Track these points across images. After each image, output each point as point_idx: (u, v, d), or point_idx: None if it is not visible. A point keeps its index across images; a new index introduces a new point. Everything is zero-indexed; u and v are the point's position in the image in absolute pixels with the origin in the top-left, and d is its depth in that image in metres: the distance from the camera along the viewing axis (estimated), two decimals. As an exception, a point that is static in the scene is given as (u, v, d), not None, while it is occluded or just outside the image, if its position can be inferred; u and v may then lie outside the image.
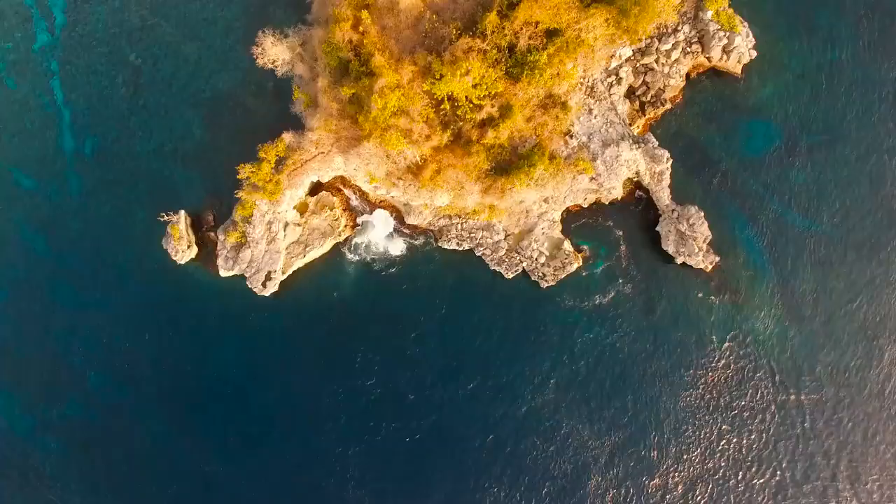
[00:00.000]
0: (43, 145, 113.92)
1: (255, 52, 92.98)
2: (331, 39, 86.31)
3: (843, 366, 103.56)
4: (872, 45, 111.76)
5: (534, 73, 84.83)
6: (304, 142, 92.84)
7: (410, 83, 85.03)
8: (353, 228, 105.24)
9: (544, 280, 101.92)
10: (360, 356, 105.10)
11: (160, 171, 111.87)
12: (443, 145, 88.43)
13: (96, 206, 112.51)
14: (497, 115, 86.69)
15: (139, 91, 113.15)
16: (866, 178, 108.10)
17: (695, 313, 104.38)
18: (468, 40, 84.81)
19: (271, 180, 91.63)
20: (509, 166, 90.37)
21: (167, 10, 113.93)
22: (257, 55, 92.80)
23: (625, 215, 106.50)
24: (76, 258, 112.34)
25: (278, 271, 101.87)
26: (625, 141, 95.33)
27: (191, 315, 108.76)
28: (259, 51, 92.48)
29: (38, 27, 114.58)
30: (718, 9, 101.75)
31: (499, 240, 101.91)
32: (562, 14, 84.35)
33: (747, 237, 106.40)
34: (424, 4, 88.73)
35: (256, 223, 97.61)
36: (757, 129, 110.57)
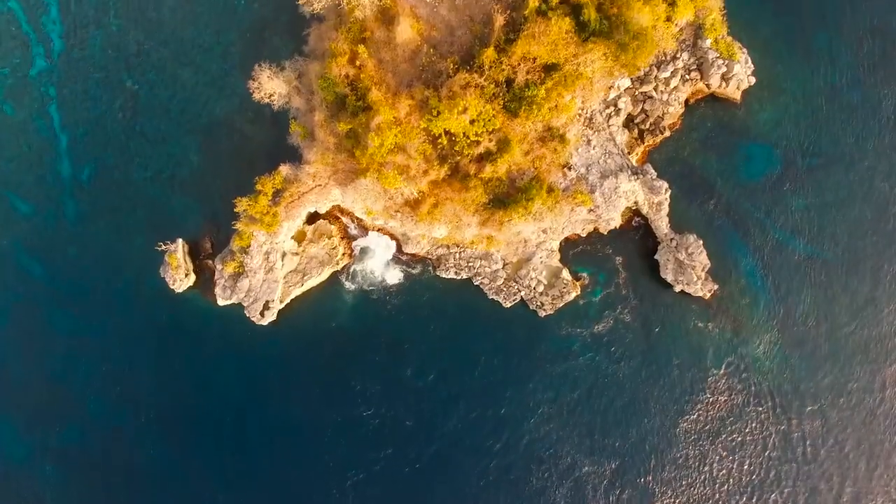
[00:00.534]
0: (40, 170, 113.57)
1: (252, 87, 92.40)
2: (327, 74, 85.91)
3: (844, 391, 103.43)
4: (872, 68, 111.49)
5: (532, 108, 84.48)
6: (302, 174, 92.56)
7: (408, 117, 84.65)
8: (351, 257, 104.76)
9: (542, 309, 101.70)
10: (359, 384, 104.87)
11: (157, 197, 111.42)
12: (440, 179, 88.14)
13: (93, 232, 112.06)
14: (495, 149, 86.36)
15: (136, 117, 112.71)
16: (865, 203, 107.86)
17: (694, 341, 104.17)
18: (465, 75, 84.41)
19: (268, 212, 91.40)
20: (507, 199, 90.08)
21: (164, 36, 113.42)
22: (253, 89, 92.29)
23: (623, 242, 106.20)
24: (73, 284, 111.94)
25: (276, 300, 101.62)
26: (623, 172, 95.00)
27: (189, 342, 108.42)
28: (255, 85, 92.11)
29: (35, 52, 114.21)
30: (717, 37, 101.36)
31: (497, 269, 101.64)
32: (560, 49, 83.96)
33: (746, 264, 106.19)
34: (422, 38, 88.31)
35: (254, 253, 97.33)
36: (756, 153, 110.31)
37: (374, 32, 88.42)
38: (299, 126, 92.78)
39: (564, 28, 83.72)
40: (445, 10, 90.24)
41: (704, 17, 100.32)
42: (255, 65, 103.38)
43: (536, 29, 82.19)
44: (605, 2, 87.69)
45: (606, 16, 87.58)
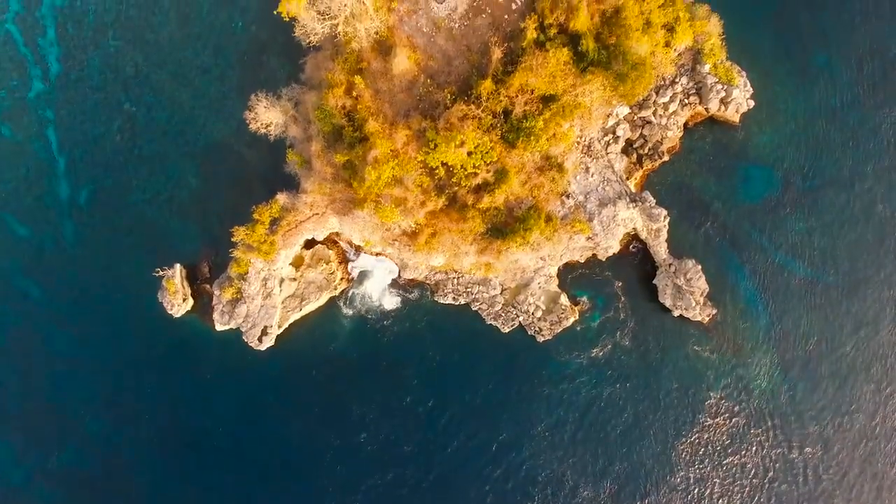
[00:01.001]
0: (38, 193, 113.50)
1: (248, 117, 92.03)
2: (324, 106, 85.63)
3: (844, 415, 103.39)
4: (872, 90, 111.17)
5: (530, 140, 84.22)
6: (299, 203, 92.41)
7: (405, 147, 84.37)
8: (349, 281, 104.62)
9: (541, 334, 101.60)
10: (357, 409, 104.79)
11: (155, 220, 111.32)
12: (438, 210, 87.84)
13: (91, 255, 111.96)
14: (493, 180, 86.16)
15: (134, 139, 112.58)
16: (864, 226, 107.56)
17: (692, 365, 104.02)
18: (463, 106, 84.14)
19: (266, 241, 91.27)
20: (505, 228, 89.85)
21: (162, 58, 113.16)
22: (250, 120, 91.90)
23: (622, 266, 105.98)
24: (71, 306, 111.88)
25: (274, 326, 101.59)
26: (622, 199, 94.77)
27: (187, 366, 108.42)
28: (252, 115, 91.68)
29: (33, 74, 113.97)
30: (716, 62, 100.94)
31: (495, 294, 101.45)
32: (558, 81, 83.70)
33: (745, 287, 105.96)
34: (419, 68, 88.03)
35: (252, 280, 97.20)
36: (755, 175, 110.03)
37: (371, 63, 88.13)
38: (296, 155, 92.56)
39: (562, 59, 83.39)
40: (443, 39, 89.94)
41: (703, 42, 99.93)
42: (252, 92, 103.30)
43: (534, 61, 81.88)
44: (603, 31, 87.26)
45: (605, 45, 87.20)
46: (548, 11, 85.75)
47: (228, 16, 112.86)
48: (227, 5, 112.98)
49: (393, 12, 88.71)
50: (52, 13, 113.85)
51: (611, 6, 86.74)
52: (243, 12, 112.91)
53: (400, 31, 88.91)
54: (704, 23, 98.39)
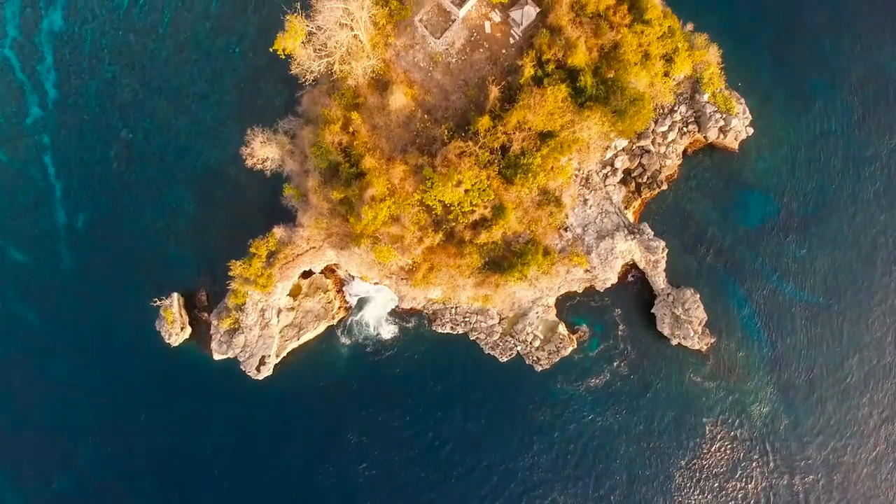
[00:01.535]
0: (35, 219, 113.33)
1: (245, 153, 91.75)
2: (320, 142, 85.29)
3: (842, 442, 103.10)
4: (868, 116, 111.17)
5: (527, 176, 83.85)
6: (296, 237, 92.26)
7: (402, 182, 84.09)
8: (347, 310, 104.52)
9: (539, 364, 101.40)
10: (355, 438, 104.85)
11: (152, 246, 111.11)
12: (435, 245, 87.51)
13: (89, 281, 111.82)
14: (490, 215, 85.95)
15: (131, 166, 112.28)
16: (861, 253, 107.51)
17: (691, 393, 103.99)
18: (460, 143, 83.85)
19: (263, 274, 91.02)
20: (503, 262, 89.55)
21: (158, 85, 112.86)
22: (246, 156, 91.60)
23: (620, 294, 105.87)
24: (69, 332, 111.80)
25: (272, 355, 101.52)
26: (620, 231, 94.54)
27: (184, 393, 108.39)
28: (248, 151, 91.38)
29: (30, 101, 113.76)
30: (715, 90, 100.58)
31: (493, 324, 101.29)
32: (556, 118, 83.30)
33: (744, 314, 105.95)
34: (416, 103, 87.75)
35: (249, 310, 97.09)
36: (754, 201, 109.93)
37: (368, 98, 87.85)
38: (293, 189, 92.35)
39: (560, 97, 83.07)
40: (440, 74, 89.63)
41: (702, 71, 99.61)
42: (249, 119, 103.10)
43: (532, 100, 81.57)
44: (601, 65, 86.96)
45: (603, 80, 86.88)
46: (545, 47, 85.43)
47: (226, 42, 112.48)
48: (225, 32, 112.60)
49: (389, 47, 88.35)
50: (50, 39, 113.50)
51: (609, 41, 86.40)
52: (241, 39, 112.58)
53: (397, 66, 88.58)
54: (703, 52, 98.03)
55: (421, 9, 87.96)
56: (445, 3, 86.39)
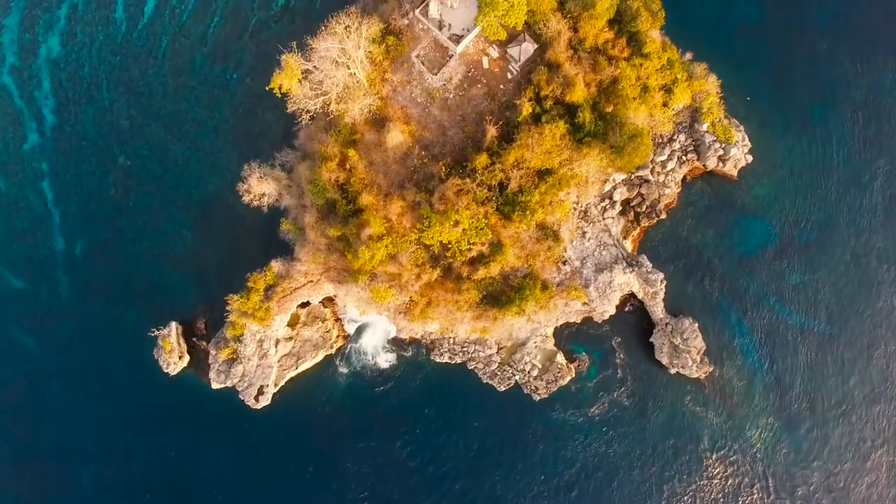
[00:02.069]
0: (33, 246, 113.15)
1: (241, 189, 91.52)
2: (317, 180, 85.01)
3: (837, 474, 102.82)
4: (867, 142, 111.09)
5: (525, 213, 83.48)
6: (293, 271, 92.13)
7: (399, 217, 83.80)
8: (345, 339, 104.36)
9: (537, 393, 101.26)
10: (353, 466, 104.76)
11: (151, 273, 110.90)
12: (433, 281, 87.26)
13: (87, 308, 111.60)
14: (488, 252, 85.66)
15: (129, 193, 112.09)
16: (860, 280, 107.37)
17: (689, 422, 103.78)
18: (457, 180, 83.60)
19: (261, 307, 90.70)
20: (501, 295, 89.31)
21: (156, 111, 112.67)
22: (243, 192, 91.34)
23: (619, 322, 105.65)
24: (67, 359, 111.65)
25: (271, 384, 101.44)
26: (618, 264, 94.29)
27: (183, 421, 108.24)
28: (245, 187, 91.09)
29: (28, 127, 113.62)
30: (714, 120, 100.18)
31: (491, 353, 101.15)
32: (554, 156, 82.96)
33: (743, 342, 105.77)
34: (413, 139, 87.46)
35: (247, 341, 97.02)
36: (752, 227, 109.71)
37: (365, 135, 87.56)
38: (290, 223, 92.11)
39: (558, 134, 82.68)
40: (437, 110, 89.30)
41: (702, 101, 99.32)
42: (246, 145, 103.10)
43: (530, 140, 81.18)
44: (600, 100, 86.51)
45: (601, 115, 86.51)
46: (544, 83, 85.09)
47: (223, 68, 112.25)
48: (222, 58, 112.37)
49: (386, 83, 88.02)
50: (48, 66, 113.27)
51: (608, 76, 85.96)
52: (238, 65, 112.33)
53: (394, 102, 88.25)
54: (703, 82, 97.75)
55: (418, 44, 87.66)
56: (442, 39, 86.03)
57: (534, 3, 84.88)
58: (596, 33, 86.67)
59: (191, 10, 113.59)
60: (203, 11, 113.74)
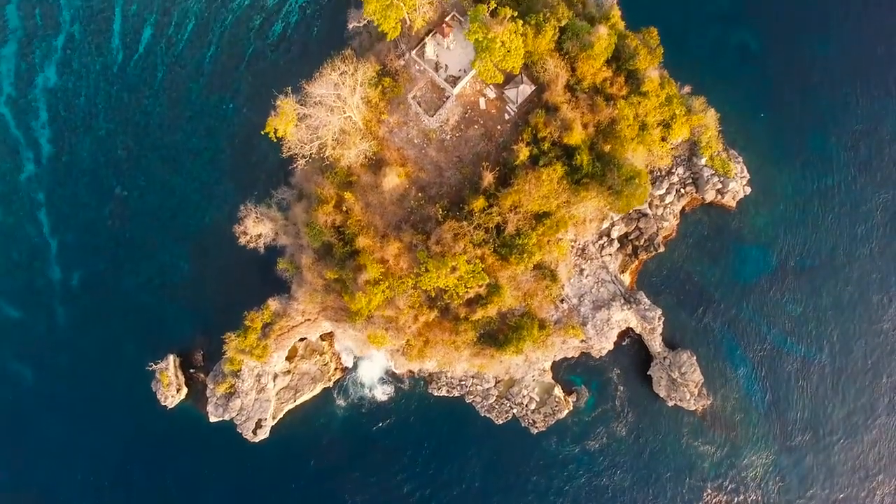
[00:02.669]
0: (30, 276, 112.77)
1: (238, 231, 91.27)
2: (313, 223, 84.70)
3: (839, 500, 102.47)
4: (865, 170, 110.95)
5: (522, 256, 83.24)
6: (291, 310, 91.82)
7: (396, 258, 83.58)
8: (343, 371, 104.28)
9: (535, 426, 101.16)
10: (351, 498, 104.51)
11: (148, 304, 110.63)
12: (430, 321, 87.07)
13: (85, 339, 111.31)
14: (485, 293, 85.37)
15: (126, 223, 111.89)
16: (859, 311, 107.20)
17: (687, 455, 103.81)
18: (454, 223, 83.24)
19: (258, 345, 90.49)
20: (498, 334, 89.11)
21: (152, 141, 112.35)
22: (239, 234, 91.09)
23: (616, 353, 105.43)
24: (65, 390, 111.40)
25: (269, 418, 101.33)
26: (616, 301, 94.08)
27: (181, 453, 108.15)
28: (241, 229, 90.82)
29: (24, 157, 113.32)
30: (712, 154, 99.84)
31: (489, 387, 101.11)
32: (551, 200, 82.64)
33: (741, 374, 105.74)
34: (409, 180, 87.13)
35: (245, 376, 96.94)
36: (751, 256, 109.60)
37: (361, 176, 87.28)
38: (287, 263, 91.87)
39: (556, 178, 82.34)
40: (434, 151, 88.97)
41: (700, 135, 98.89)
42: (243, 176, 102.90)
43: (527, 185, 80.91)
44: (598, 141, 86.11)
45: (599, 155, 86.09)
46: (541, 125, 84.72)
47: (219, 98, 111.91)
48: (218, 88, 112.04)
49: (383, 124, 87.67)
50: (45, 95, 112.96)
51: (606, 117, 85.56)
52: (234, 95, 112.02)
53: (390, 143, 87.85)
54: (701, 116, 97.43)
55: (414, 86, 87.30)
56: (439, 81, 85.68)
57: (531, 45, 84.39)
58: (594, 72, 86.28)
59: (187, 39, 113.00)
60: (199, 41, 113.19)
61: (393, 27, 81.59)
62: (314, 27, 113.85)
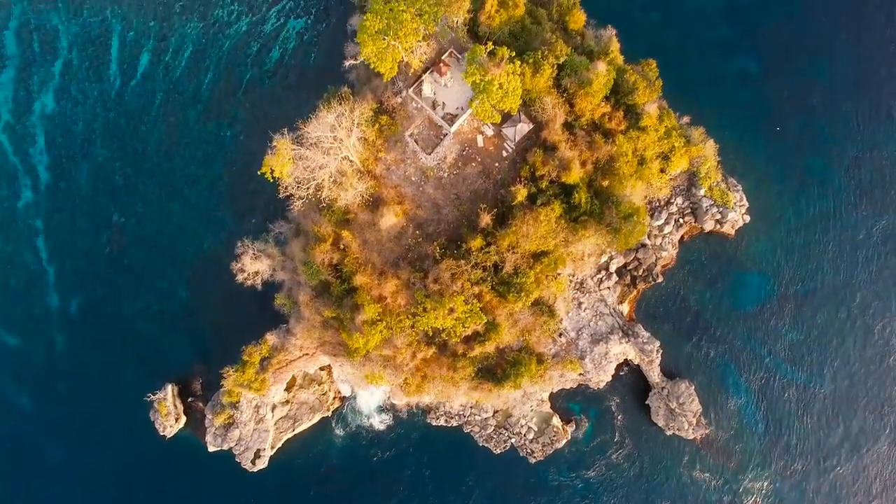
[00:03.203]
0: (28, 303, 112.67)
1: (235, 269, 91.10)
2: (310, 262, 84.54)
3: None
4: (864, 196, 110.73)
5: (520, 295, 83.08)
6: (289, 344, 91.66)
7: (394, 295, 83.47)
8: (342, 400, 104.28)
9: (533, 456, 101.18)
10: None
11: (146, 332, 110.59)
12: (428, 356, 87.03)
13: (83, 366, 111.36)
14: (483, 331, 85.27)
15: (124, 250, 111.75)
16: (858, 338, 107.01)
17: (686, 484, 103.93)
18: (452, 262, 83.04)
19: (256, 379, 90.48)
20: (496, 369, 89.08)
21: (150, 168, 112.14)
22: (237, 271, 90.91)
23: (615, 381, 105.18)
24: (63, 418, 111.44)
25: (267, 448, 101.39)
26: (614, 334, 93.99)
27: (179, 481, 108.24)
28: (239, 266, 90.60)
29: (22, 184, 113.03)
30: (711, 184, 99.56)
31: (487, 417, 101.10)
32: (549, 239, 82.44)
33: (740, 403, 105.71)
34: (407, 218, 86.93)
35: (244, 408, 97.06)
36: (749, 283, 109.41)
37: (358, 214, 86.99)
38: (285, 298, 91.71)
39: (553, 217, 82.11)
40: (431, 188, 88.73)
41: (699, 166, 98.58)
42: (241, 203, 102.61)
43: (525, 227, 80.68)
44: (596, 177, 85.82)
45: (597, 192, 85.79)
46: (539, 164, 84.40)
47: (217, 125, 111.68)
48: (215, 115, 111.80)
49: (380, 162, 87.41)
50: (42, 122, 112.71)
51: (605, 154, 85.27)
52: (232, 122, 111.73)
53: (387, 181, 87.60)
54: (700, 147, 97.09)
55: (411, 123, 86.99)
56: (436, 119, 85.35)
57: (529, 83, 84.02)
58: (592, 108, 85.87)
59: (184, 66, 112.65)
60: (197, 67, 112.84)
61: (389, 68, 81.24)
62: (312, 53, 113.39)
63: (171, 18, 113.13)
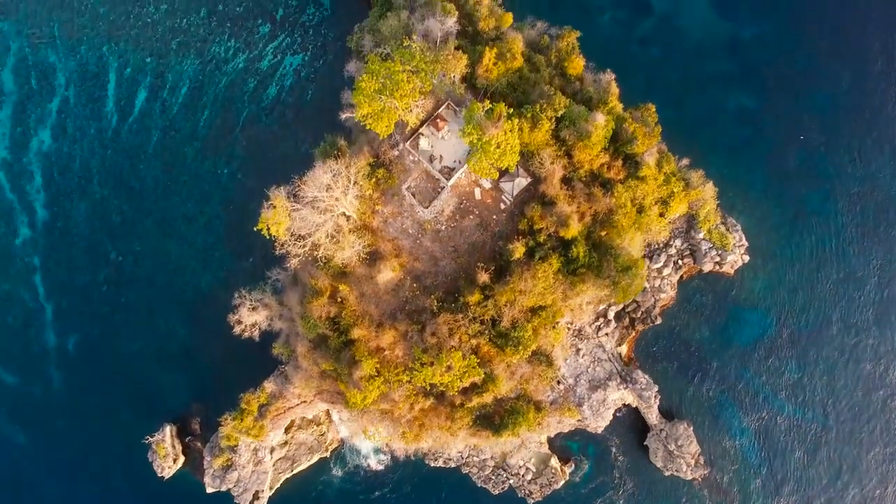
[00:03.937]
0: (25, 341, 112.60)
1: (232, 320, 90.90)
2: (308, 316, 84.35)
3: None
4: (863, 234, 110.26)
5: (518, 348, 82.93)
6: (287, 392, 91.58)
7: (392, 346, 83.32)
8: (340, 441, 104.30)
9: (531, 497, 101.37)
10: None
11: (144, 370, 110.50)
12: (426, 406, 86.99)
13: (80, 405, 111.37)
14: (481, 382, 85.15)
15: (121, 289, 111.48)
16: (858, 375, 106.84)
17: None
18: (449, 316, 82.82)
19: (255, 426, 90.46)
20: (493, 417, 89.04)
21: (147, 206, 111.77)
22: (234, 323, 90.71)
23: (613, 422, 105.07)
24: (60, 457, 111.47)
25: (266, 489, 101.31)
26: (613, 380, 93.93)
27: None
28: (236, 318, 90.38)
29: (19, 221, 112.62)
30: (710, 227, 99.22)
31: (485, 458, 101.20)
32: (547, 295, 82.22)
33: (739, 443, 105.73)
34: (404, 271, 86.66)
35: (242, 451, 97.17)
36: (748, 320, 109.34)
37: (356, 268, 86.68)
38: (282, 347, 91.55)
39: (551, 273, 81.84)
40: (429, 241, 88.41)
41: (698, 209, 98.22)
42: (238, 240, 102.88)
43: (523, 284, 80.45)
44: (595, 229, 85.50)
45: (596, 244, 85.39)
46: (538, 218, 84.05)
47: (213, 164, 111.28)
48: (212, 153, 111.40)
49: (377, 214, 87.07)
50: (39, 159, 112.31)
51: (604, 207, 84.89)
52: (229, 160, 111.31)
53: (384, 234, 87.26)
54: (699, 191, 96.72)
55: (409, 176, 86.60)
56: (434, 172, 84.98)
57: (527, 138, 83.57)
58: (591, 160, 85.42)
59: (181, 103, 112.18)
60: (194, 105, 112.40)
61: (385, 127, 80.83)
62: (309, 90, 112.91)
63: (168, 55, 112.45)
